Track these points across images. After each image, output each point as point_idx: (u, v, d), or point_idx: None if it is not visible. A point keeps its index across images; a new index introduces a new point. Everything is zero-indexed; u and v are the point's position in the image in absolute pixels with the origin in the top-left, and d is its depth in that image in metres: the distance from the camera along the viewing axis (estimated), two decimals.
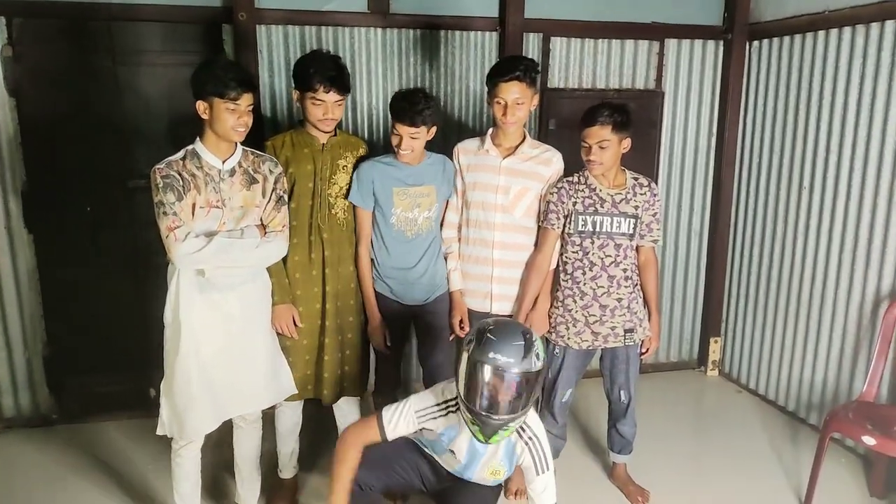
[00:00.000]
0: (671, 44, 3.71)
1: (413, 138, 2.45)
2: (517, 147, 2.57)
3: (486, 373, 1.80)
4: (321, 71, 2.36)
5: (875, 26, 2.88)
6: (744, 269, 3.79)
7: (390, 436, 2.01)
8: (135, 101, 3.16)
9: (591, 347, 2.58)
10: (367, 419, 2.03)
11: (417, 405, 2.02)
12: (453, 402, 1.99)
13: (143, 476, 2.91)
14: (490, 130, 2.61)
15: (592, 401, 3.45)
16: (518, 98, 2.43)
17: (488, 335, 1.82)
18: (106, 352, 3.34)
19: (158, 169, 2.13)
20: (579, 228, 2.50)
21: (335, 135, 2.52)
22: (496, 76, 2.45)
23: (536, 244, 2.59)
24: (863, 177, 2.97)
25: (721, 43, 3.75)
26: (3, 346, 3.21)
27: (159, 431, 2.31)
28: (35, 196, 3.13)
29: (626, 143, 2.47)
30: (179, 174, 2.13)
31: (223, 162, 2.21)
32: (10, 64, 3.00)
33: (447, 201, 2.67)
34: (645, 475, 2.83)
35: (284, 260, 2.48)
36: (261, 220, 2.31)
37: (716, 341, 3.99)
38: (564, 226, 2.53)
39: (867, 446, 2.41)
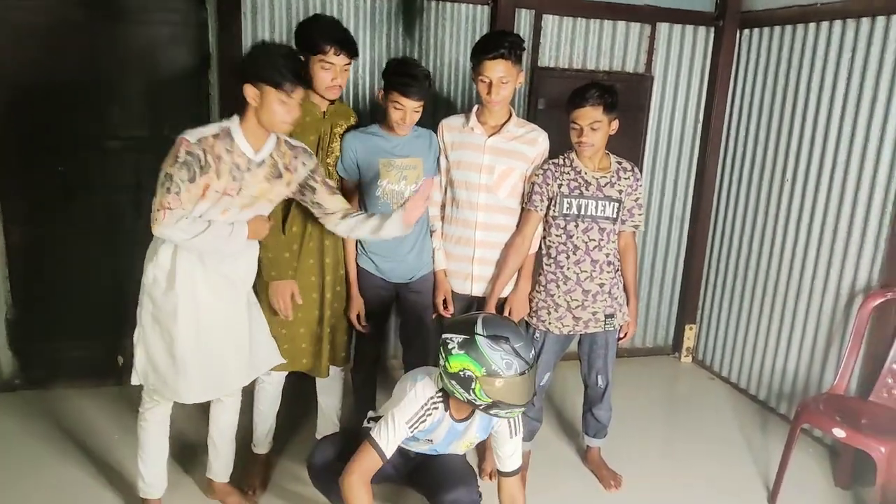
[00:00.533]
0: (663, 28, 3.67)
1: (416, 112, 2.39)
2: (503, 126, 2.51)
3: (507, 379, 1.83)
4: (330, 33, 2.29)
5: (865, 21, 2.88)
6: (722, 257, 3.82)
7: (389, 455, 1.95)
8: (112, 58, 3.03)
9: (571, 332, 2.57)
10: (361, 451, 1.94)
11: (405, 416, 1.95)
12: (437, 398, 1.97)
13: (109, 445, 2.85)
14: (475, 108, 2.55)
15: (568, 384, 3.46)
16: (503, 76, 2.37)
17: (499, 340, 1.83)
18: (74, 317, 3.25)
19: (186, 140, 1.97)
20: (564, 211, 2.47)
21: (332, 102, 2.44)
22: (481, 53, 2.38)
23: (518, 225, 2.56)
24: (845, 171, 2.99)
25: (712, 30, 3.72)
26: None
27: (133, 381, 2.23)
28: (4, 155, 3.00)
29: (615, 125, 2.44)
30: (205, 154, 1.99)
31: (256, 153, 2.10)
32: None
33: (432, 178, 2.61)
34: (617, 459, 2.85)
35: (282, 232, 2.42)
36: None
37: (691, 328, 4.02)
38: (548, 208, 2.50)
39: (837, 438, 2.45)
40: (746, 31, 3.61)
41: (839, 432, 2.40)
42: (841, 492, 2.80)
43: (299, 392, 2.89)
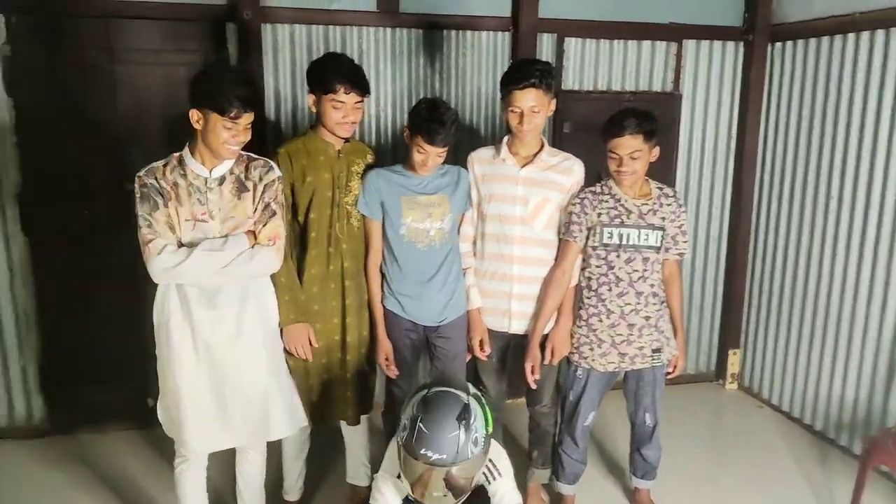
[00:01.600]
0: (689, 45, 3.58)
1: (440, 156, 2.33)
2: (535, 155, 2.42)
3: (420, 469, 1.69)
4: (341, 72, 2.24)
5: None
6: (766, 279, 3.65)
7: None
8: (133, 101, 3.03)
9: (616, 369, 2.44)
10: None
11: (386, 482, 1.90)
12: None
13: (142, 490, 2.81)
14: (505, 138, 2.47)
15: (611, 419, 3.30)
16: (534, 106, 2.29)
17: (420, 426, 1.68)
18: (103, 360, 3.23)
19: (139, 177, 2.02)
20: (604, 241, 2.36)
21: (346, 141, 2.39)
22: (510, 84, 2.30)
23: (556, 258, 2.45)
24: None
25: (741, 44, 3.61)
26: None
27: (168, 433, 2.23)
28: (31, 199, 3.01)
29: (656, 152, 2.33)
30: (158, 183, 2.00)
31: (210, 171, 2.05)
32: (9, 62, 2.89)
33: (462, 214, 2.53)
34: (664, 497, 2.70)
35: (301, 274, 2.36)
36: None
37: (735, 353, 3.85)
38: (587, 239, 2.39)
39: None
40: (779, 45, 3.49)
41: None
42: None
43: (327, 434, 2.79)
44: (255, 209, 2.11)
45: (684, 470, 2.97)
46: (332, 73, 2.24)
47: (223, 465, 2.47)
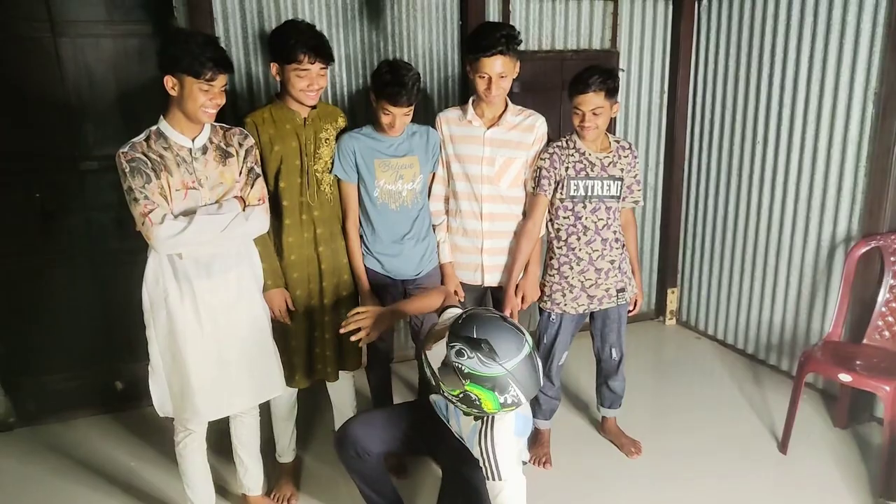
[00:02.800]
0: (624, 3, 3.75)
1: (406, 115, 2.40)
2: (500, 116, 2.54)
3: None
4: (303, 40, 2.25)
5: None
6: (699, 222, 3.97)
7: None
8: (80, 75, 2.90)
9: (587, 311, 2.64)
10: None
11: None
12: None
13: (130, 471, 2.80)
14: (471, 99, 2.57)
15: (576, 360, 3.53)
16: (501, 71, 2.39)
17: (487, 344, 1.68)
18: (64, 346, 3.14)
19: (123, 153, 1.98)
20: (571, 193, 2.53)
21: (314, 107, 2.42)
22: (478, 51, 2.37)
23: (525, 211, 2.60)
24: (816, 129, 3.14)
25: (671, 1, 3.83)
26: None
27: (161, 413, 2.23)
28: None
29: (616, 108, 2.50)
30: (146, 155, 2.00)
31: (193, 140, 2.08)
32: None
33: (433, 173, 2.63)
34: (625, 427, 2.95)
35: (279, 242, 2.41)
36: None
37: (673, 292, 4.18)
38: (555, 191, 2.55)
39: (843, 382, 2.60)
40: (705, 2, 3.72)
41: (846, 377, 2.55)
42: (840, 431, 2.98)
43: (313, 393, 2.88)
44: (241, 173, 2.16)
45: (638, 399, 3.24)
46: (295, 42, 2.24)
47: (215, 437, 2.50)
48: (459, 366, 1.69)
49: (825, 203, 3.14)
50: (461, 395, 1.72)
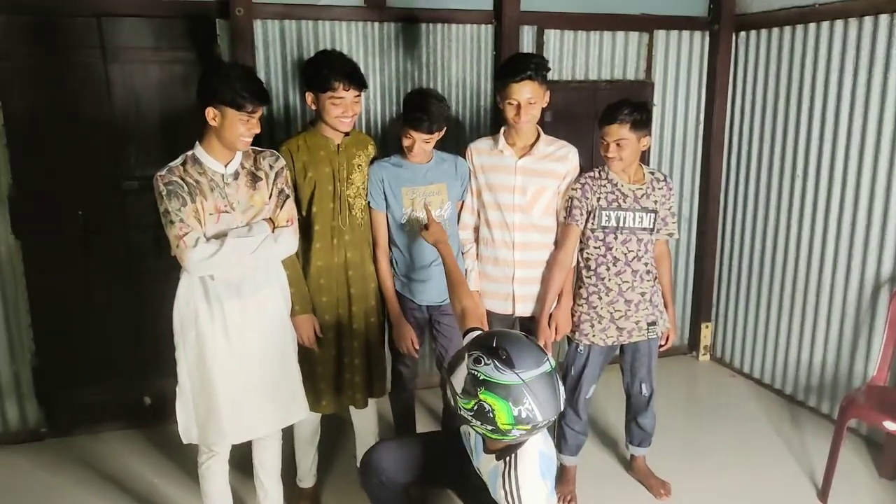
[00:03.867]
0: (660, 35, 3.75)
1: (426, 142, 2.44)
2: (532, 145, 2.55)
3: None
4: (338, 68, 2.30)
5: (868, 20, 2.97)
6: (734, 255, 3.88)
7: None
8: (126, 99, 3.02)
9: (615, 343, 2.60)
10: None
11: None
12: None
13: (152, 487, 2.83)
14: (502, 129, 2.58)
15: (601, 394, 3.46)
16: (531, 98, 2.40)
17: (507, 354, 1.65)
18: (98, 361, 3.21)
19: (160, 176, 2.05)
20: (602, 224, 2.50)
21: (346, 134, 2.47)
22: (507, 77, 2.40)
23: (557, 241, 2.58)
24: (858, 165, 3.06)
25: (708, 34, 3.81)
26: None
27: (184, 440, 2.24)
28: (22, 201, 2.97)
29: (646, 142, 2.48)
30: (182, 179, 2.05)
31: (226, 166, 2.13)
32: None
33: (462, 202, 2.63)
34: (657, 466, 2.86)
35: (308, 266, 2.44)
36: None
37: (707, 326, 4.08)
38: (586, 221, 2.53)
39: (890, 431, 2.48)
40: (743, 34, 3.69)
41: (892, 425, 2.43)
42: (886, 483, 2.83)
43: (335, 418, 2.87)
44: (271, 195, 2.21)
45: (671, 437, 3.15)
46: (329, 70, 2.29)
47: (236, 459, 2.52)
48: (475, 373, 1.65)
49: (868, 240, 3.04)
50: (475, 407, 1.65)
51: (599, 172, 2.53)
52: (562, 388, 1.71)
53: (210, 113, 2.05)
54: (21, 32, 2.86)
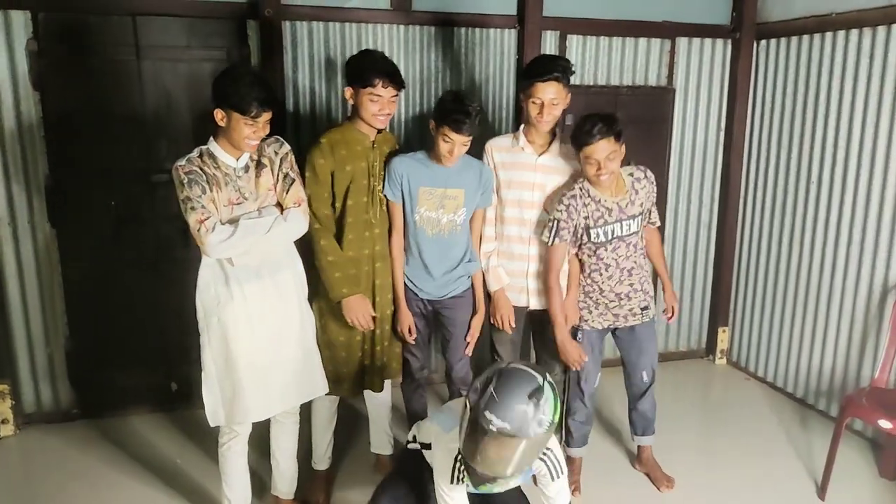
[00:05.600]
0: (682, 42, 3.80)
1: (464, 145, 2.47)
2: (550, 144, 2.63)
3: (483, 435, 1.66)
4: (379, 67, 2.40)
5: (881, 29, 3.00)
6: (752, 261, 3.91)
7: None
8: (158, 95, 3.16)
9: (611, 326, 2.66)
10: None
11: (445, 479, 1.92)
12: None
13: (175, 467, 2.95)
14: (522, 127, 2.65)
15: (608, 391, 3.52)
16: (554, 98, 2.47)
17: (492, 390, 1.67)
18: (127, 346, 3.35)
19: (180, 166, 2.16)
20: (592, 239, 2.55)
21: (380, 132, 2.55)
22: (534, 76, 2.47)
23: (548, 262, 2.59)
24: (870, 172, 3.09)
25: (729, 42, 3.85)
26: (25, 341, 3.21)
27: (212, 423, 2.34)
28: (58, 191, 3.12)
29: (623, 149, 2.48)
30: (201, 169, 2.17)
31: (237, 160, 2.24)
32: (35, 58, 2.99)
33: (484, 212, 2.68)
34: (665, 462, 2.91)
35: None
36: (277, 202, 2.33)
37: (724, 331, 4.10)
38: (575, 237, 2.57)
39: (883, 429, 2.52)
40: (763, 42, 3.73)
41: (885, 424, 2.47)
42: (887, 483, 2.87)
43: (352, 406, 2.97)
44: (276, 180, 2.31)
45: (681, 436, 3.21)
46: (371, 68, 2.39)
47: (257, 438, 2.62)
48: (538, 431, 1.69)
49: (878, 247, 3.07)
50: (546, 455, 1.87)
51: (581, 191, 2.53)
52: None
53: (218, 114, 2.16)
54: (59, 30, 3.01)
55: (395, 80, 2.41)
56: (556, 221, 2.52)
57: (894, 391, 2.80)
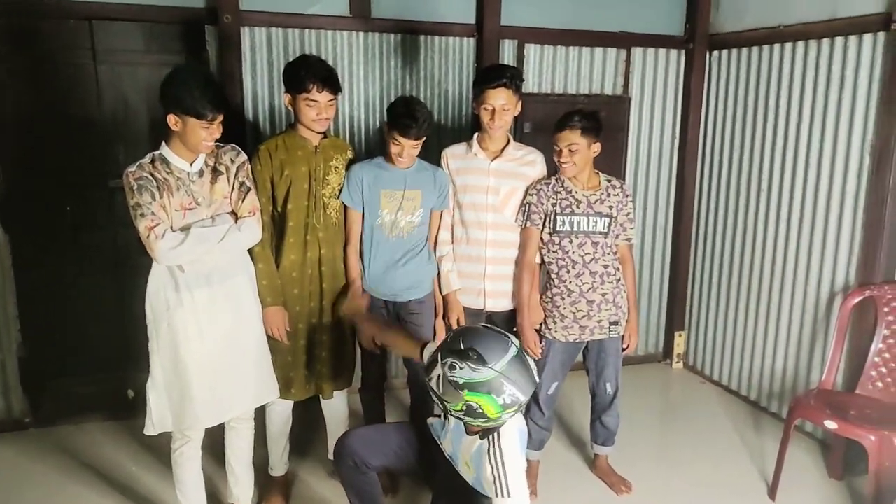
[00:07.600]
0: (637, 52, 3.89)
1: (414, 148, 2.55)
2: (503, 149, 2.69)
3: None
4: (313, 72, 2.42)
5: (825, 42, 3.11)
6: (706, 266, 4.00)
7: None
8: (116, 100, 3.16)
9: (577, 340, 2.71)
10: None
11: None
12: None
13: (130, 475, 2.91)
14: (476, 135, 2.72)
15: (573, 395, 3.57)
16: (505, 104, 2.55)
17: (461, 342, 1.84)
18: (83, 353, 3.32)
19: (131, 172, 2.15)
20: (557, 228, 2.64)
21: (324, 137, 2.58)
22: (484, 83, 2.56)
23: (521, 245, 2.70)
24: (816, 179, 3.19)
25: (683, 52, 3.95)
26: None
27: (147, 431, 2.31)
28: (11, 196, 3.07)
29: (596, 148, 2.61)
30: (152, 175, 2.16)
31: (191, 164, 2.24)
32: None
33: (440, 214, 2.73)
34: (620, 465, 2.96)
35: (279, 260, 2.54)
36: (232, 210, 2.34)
37: (680, 335, 4.19)
38: (543, 225, 2.66)
39: (829, 430, 2.60)
40: (716, 53, 3.84)
41: (831, 424, 2.55)
42: (835, 483, 2.95)
43: (309, 411, 2.96)
44: (232, 188, 2.32)
45: (637, 440, 3.25)
46: (306, 73, 2.41)
47: (206, 447, 2.59)
48: (454, 378, 1.80)
49: (825, 252, 3.16)
50: (464, 408, 1.82)
51: (555, 180, 2.67)
52: (531, 362, 1.88)
53: (172, 119, 2.14)
54: (13, 34, 2.99)
55: (329, 84, 2.44)
56: (527, 205, 2.65)
57: (840, 393, 2.89)
